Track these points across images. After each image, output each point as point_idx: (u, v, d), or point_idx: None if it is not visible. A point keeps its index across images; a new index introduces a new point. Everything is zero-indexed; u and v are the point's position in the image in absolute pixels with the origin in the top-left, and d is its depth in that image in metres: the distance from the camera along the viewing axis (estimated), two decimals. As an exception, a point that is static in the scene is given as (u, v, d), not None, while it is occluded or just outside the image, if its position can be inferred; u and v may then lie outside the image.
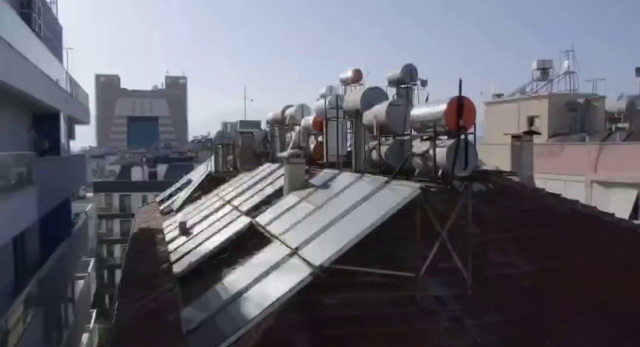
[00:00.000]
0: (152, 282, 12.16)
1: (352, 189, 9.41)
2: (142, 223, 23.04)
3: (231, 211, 13.50)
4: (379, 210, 7.75)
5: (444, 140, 8.21)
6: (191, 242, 12.79)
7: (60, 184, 19.55)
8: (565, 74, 29.41)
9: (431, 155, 8.18)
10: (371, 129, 10.09)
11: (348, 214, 8.28)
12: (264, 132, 21.75)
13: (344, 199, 9.19)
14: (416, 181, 8.29)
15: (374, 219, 7.46)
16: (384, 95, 11.19)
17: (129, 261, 16.12)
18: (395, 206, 7.48)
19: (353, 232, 7.48)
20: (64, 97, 20.59)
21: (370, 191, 8.54)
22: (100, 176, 76.38)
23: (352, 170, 10.95)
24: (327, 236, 8.00)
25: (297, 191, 11.50)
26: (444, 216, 8.77)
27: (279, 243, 8.90)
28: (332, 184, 10.51)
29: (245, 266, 8.90)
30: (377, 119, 9.64)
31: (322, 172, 11.96)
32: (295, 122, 16.48)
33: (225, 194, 16.44)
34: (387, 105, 9.50)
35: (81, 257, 26.66)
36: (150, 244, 16.51)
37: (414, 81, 15.28)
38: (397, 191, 8.04)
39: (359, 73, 18.18)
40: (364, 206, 8.27)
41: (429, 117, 8.17)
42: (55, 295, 18.69)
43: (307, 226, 8.92)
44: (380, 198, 8.24)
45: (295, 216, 9.72)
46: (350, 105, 11.11)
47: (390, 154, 9.59)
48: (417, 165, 8.60)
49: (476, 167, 8.24)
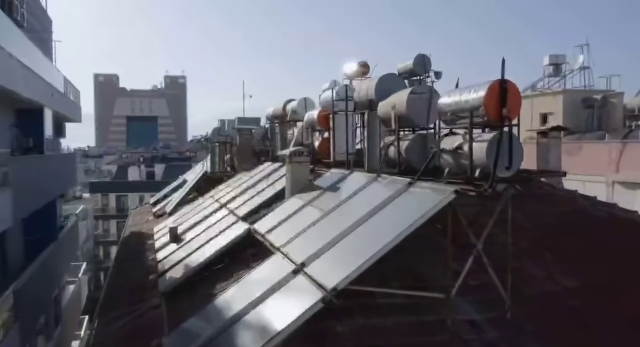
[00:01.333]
0: (137, 297, 10.82)
1: (366, 192, 8.02)
2: (133, 226, 21.74)
3: (227, 216, 12.12)
4: (403, 219, 6.36)
5: (480, 134, 6.83)
6: (182, 251, 11.43)
7: (44, 185, 18.15)
8: (580, 69, 27.99)
9: (465, 151, 6.79)
10: (388, 122, 8.69)
11: (364, 223, 6.88)
12: (263, 129, 20.34)
13: (357, 205, 7.79)
14: (446, 182, 6.90)
15: (398, 230, 6.06)
16: (402, 84, 9.81)
17: (115, 270, 14.76)
18: (425, 214, 6.08)
19: (372, 246, 6.08)
20: (49, 92, 19.19)
21: (390, 195, 7.14)
22: (98, 176, 75.15)
23: (364, 170, 9.55)
24: (339, 250, 6.61)
25: (300, 193, 10.11)
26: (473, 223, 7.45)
27: (281, 256, 7.51)
28: (342, 186, 9.11)
29: (242, 284, 7.51)
30: (396, 110, 8.25)
31: (329, 173, 10.57)
32: (298, 118, 15.09)
33: (221, 196, 15.06)
34: (407, 94, 8.11)
35: (70, 262, 25.23)
36: (139, 250, 15.18)
37: (427, 73, 13.92)
38: (424, 196, 6.65)
39: (366, 66, 16.75)
40: (383, 213, 6.87)
41: (462, 106, 6.78)
42: (38, 304, 17.27)
43: (314, 237, 7.52)
44: (402, 204, 6.85)
45: (300, 224, 8.33)
46: (362, 95, 9.72)
47: (412, 151, 8.19)
48: (446, 164, 7.20)
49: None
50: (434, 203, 6.19)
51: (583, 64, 28.32)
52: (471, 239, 7.01)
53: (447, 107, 7.12)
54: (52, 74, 20.63)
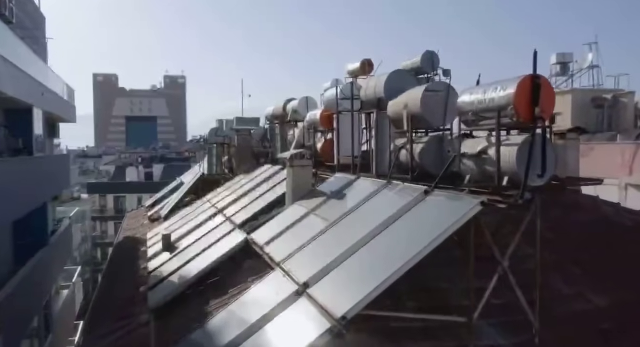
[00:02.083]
0: (126, 311, 10.03)
1: (376, 200, 7.21)
2: (128, 230, 20.97)
3: (223, 223, 11.32)
4: (422, 233, 5.56)
5: (507, 136, 6.03)
6: (174, 261, 10.64)
7: (33, 187, 17.34)
8: (589, 67, 27.15)
9: (490, 156, 5.98)
10: (399, 123, 7.88)
11: (375, 237, 6.07)
12: (262, 130, 19.51)
13: (367, 215, 6.98)
14: (468, 191, 6.10)
15: (417, 247, 5.25)
16: (413, 81, 9.01)
17: (105, 279, 13.97)
18: (447, 228, 5.28)
19: (387, 266, 5.28)
20: (39, 91, 18.37)
21: (404, 205, 6.33)
22: (97, 177, 74.38)
23: (372, 175, 8.74)
24: (347, 269, 5.80)
25: (302, 200, 9.31)
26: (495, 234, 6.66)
27: (281, 273, 6.70)
28: (348, 192, 8.30)
29: (237, 305, 6.70)
30: (409, 109, 7.44)
31: (333, 177, 9.76)
32: (299, 118, 14.27)
33: (218, 200, 14.26)
34: (422, 91, 7.30)
35: (63, 266, 24.40)
36: (131, 258, 14.40)
37: (435, 70, 13.10)
38: (444, 206, 5.85)
39: (369, 64, 15.91)
40: (397, 225, 6.06)
41: (487, 105, 5.97)
42: (26, 312, 16.47)
43: (318, 251, 6.72)
44: (419, 215, 6.04)
45: (302, 235, 7.52)
46: (369, 93, 8.90)
47: (426, 155, 7.37)
48: (467, 170, 6.39)
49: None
50: (457, 216, 5.38)
51: (592, 62, 27.46)
52: (495, 254, 6.23)
53: (469, 106, 6.31)
54: (43, 72, 19.80)
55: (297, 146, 13.19)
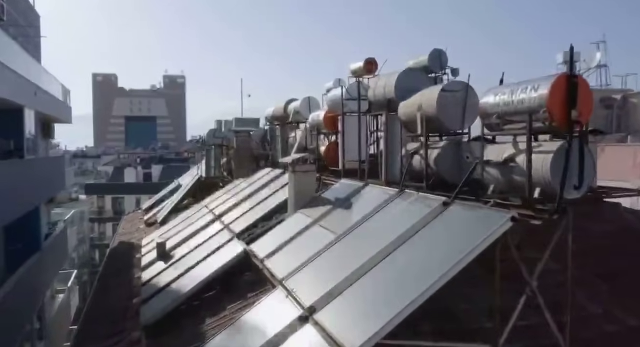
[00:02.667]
0: (117, 327, 9.40)
1: (388, 211, 6.55)
2: (123, 235, 20.34)
3: (221, 231, 10.66)
4: (445, 252, 4.90)
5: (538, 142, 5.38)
6: (169, 272, 9.99)
7: (24, 191, 16.68)
8: (597, 67, 26.49)
9: (519, 164, 5.33)
10: (411, 126, 7.24)
11: (390, 255, 5.41)
12: (262, 131, 18.84)
13: (378, 228, 6.33)
14: (495, 203, 5.44)
15: (440, 269, 4.60)
16: (426, 80, 8.37)
17: (98, 289, 13.31)
18: (474, 247, 4.62)
19: (406, 291, 4.62)
20: (31, 91, 17.70)
21: (421, 218, 5.68)
22: (95, 177, 73.74)
23: (381, 181, 8.08)
24: (359, 292, 5.14)
25: (305, 208, 8.65)
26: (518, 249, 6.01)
27: (283, 293, 6.04)
28: (355, 201, 7.65)
29: (235, 328, 6.04)
30: (423, 111, 6.79)
31: (339, 183, 9.11)
32: (301, 119, 13.62)
33: (215, 205, 13.60)
34: (438, 91, 6.65)
35: (58, 271, 23.73)
36: (125, 266, 13.76)
37: (444, 69, 12.44)
38: (468, 221, 5.19)
39: (373, 63, 15.25)
40: (414, 242, 5.40)
41: (515, 107, 5.32)
42: (16, 320, 15.83)
43: (325, 269, 6.06)
44: (440, 231, 5.38)
45: (306, 249, 6.87)
46: (378, 93, 8.26)
47: (443, 161, 6.73)
48: (491, 179, 5.73)
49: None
50: (484, 233, 4.73)
51: (599, 62, 26.81)
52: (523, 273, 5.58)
53: (493, 108, 5.66)
54: (35, 71, 19.14)
55: (299, 149, 12.54)
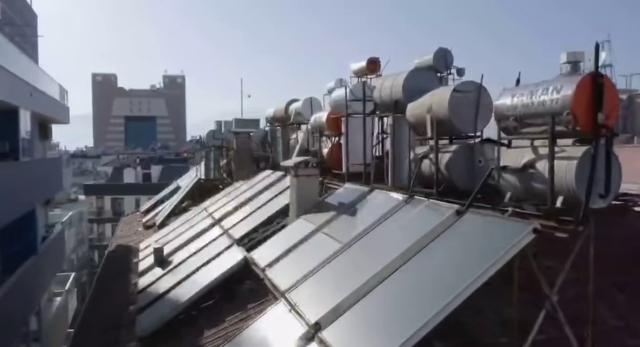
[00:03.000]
0: (112, 336, 9.04)
1: (396, 219, 6.19)
2: (121, 238, 19.99)
3: (220, 236, 10.30)
4: (461, 266, 4.54)
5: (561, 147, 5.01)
6: (166, 279, 9.64)
7: (20, 193, 16.31)
8: (602, 67, 26.11)
9: (539, 171, 4.96)
10: (420, 128, 6.87)
11: (401, 268, 5.05)
12: (263, 132, 18.47)
13: (387, 238, 5.97)
14: (513, 213, 5.08)
15: (457, 286, 4.23)
16: (436, 81, 8.02)
17: (94, 295, 12.95)
18: (494, 263, 4.26)
19: (420, 309, 4.26)
20: (26, 92, 17.33)
21: (433, 228, 5.31)
22: (95, 178, 73.36)
23: (388, 186, 7.72)
24: (368, 308, 4.77)
25: (308, 214, 8.29)
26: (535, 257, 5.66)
27: (286, 307, 5.68)
28: (361, 208, 7.29)
29: (236, 343, 5.68)
30: (433, 112, 6.43)
31: (343, 188, 8.74)
32: (302, 120, 13.26)
33: (215, 209, 13.23)
34: (449, 92, 6.29)
35: (55, 274, 23.35)
36: (122, 272, 13.41)
37: (449, 69, 12.07)
38: (485, 232, 4.83)
39: (376, 62, 14.87)
40: (427, 254, 5.04)
41: (535, 110, 4.96)
42: (10, 325, 15.46)
43: (331, 281, 5.70)
44: (454, 242, 5.02)
45: (309, 259, 6.50)
46: (384, 94, 7.89)
47: (455, 166, 6.36)
48: (508, 186, 5.37)
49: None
50: (504, 246, 4.37)
51: (605, 61, 26.44)
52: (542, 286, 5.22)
53: (510, 110, 5.29)
54: (31, 72, 18.77)
55: (301, 151, 12.18)
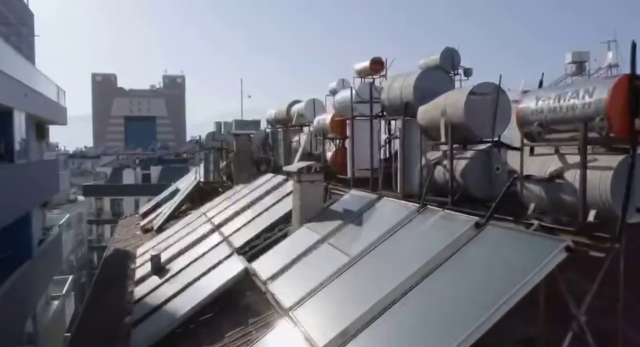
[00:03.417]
0: (106, 350, 8.62)
1: (408, 231, 5.76)
2: (118, 242, 19.53)
3: (220, 244, 9.88)
4: (483, 287, 4.12)
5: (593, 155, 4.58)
6: (163, 289, 9.23)
7: (14, 196, 15.88)
8: (608, 67, 25.76)
9: (567, 181, 4.54)
10: (433, 132, 6.45)
11: (417, 287, 4.63)
12: (264, 133, 18.04)
13: (399, 252, 5.54)
14: (540, 227, 4.66)
15: (484, 312, 3.81)
16: (449, 82, 7.60)
17: (89, 303, 12.51)
18: (522, 285, 3.83)
19: (440, 337, 3.84)
20: (21, 93, 16.91)
21: (451, 242, 4.89)
22: (94, 178, 72.96)
23: (397, 194, 7.29)
24: (382, 333, 4.35)
25: (312, 223, 7.87)
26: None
27: (291, 325, 5.26)
28: (369, 217, 6.86)
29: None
30: (448, 116, 6.01)
31: (348, 195, 8.32)
32: (305, 122, 12.84)
33: (214, 214, 12.80)
34: (465, 94, 5.87)
35: (51, 278, 22.92)
36: (119, 278, 12.98)
37: (456, 69, 11.65)
38: (510, 249, 4.40)
39: (380, 62, 14.43)
40: (444, 272, 4.62)
41: (564, 114, 4.53)
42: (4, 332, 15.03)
43: (339, 300, 5.27)
44: (474, 259, 4.59)
45: (315, 272, 6.08)
46: (394, 96, 7.47)
47: (471, 174, 5.94)
48: (532, 196, 4.94)
49: None
50: (533, 266, 3.94)
51: (611, 62, 26.08)
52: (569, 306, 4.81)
53: (535, 114, 4.87)
54: (26, 72, 18.35)
55: (303, 155, 11.75)
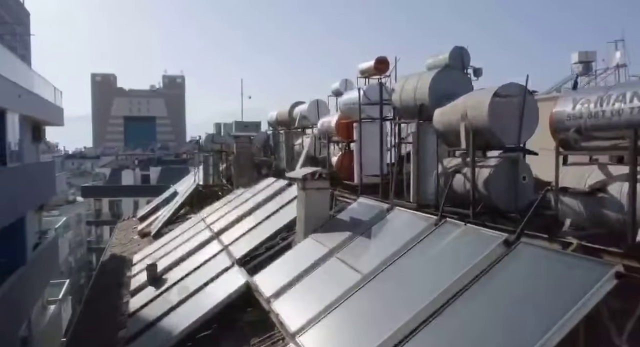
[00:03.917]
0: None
1: (426, 247, 5.23)
2: (115, 246, 19.01)
3: (219, 254, 9.35)
4: (519, 317, 3.59)
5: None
6: (159, 303, 8.71)
7: (6, 201, 15.36)
8: (616, 67, 25.21)
9: (613, 195, 4.00)
10: (452, 138, 5.92)
11: (442, 314, 4.09)
12: (265, 135, 17.52)
13: (418, 271, 5.00)
14: (580, 247, 4.12)
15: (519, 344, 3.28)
16: (469, 83, 7.08)
17: (83, 313, 12.00)
18: (570, 317, 3.30)
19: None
20: (14, 93, 16.38)
21: (476, 263, 4.36)
22: (94, 179, 72.50)
23: (409, 203, 6.76)
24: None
25: (318, 233, 7.33)
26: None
27: (297, 354, 4.73)
28: (380, 229, 6.32)
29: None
30: (469, 120, 5.48)
31: (356, 203, 7.78)
32: (308, 124, 12.31)
33: (214, 220, 12.27)
34: (489, 97, 5.33)
35: (47, 284, 22.38)
36: (114, 287, 12.46)
37: (466, 69, 11.11)
38: (549, 273, 3.87)
39: (385, 62, 13.86)
40: (472, 297, 4.08)
41: (609, 120, 4.00)
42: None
43: (352, 325, 4.74)
44: (507, 282, 4.06)
45: (323, 291, 5.54)
46: (407, 97, 6.94)
47: (495, 183, 5.40)
48: (568, 211, 4.41)
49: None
50: (578, 295, 3.41)
51: (619, 61, 25.52)
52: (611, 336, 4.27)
53: (572, 120, 4.34)
54: (20, 72, 17.81)
55: (307, 158, 11.22)
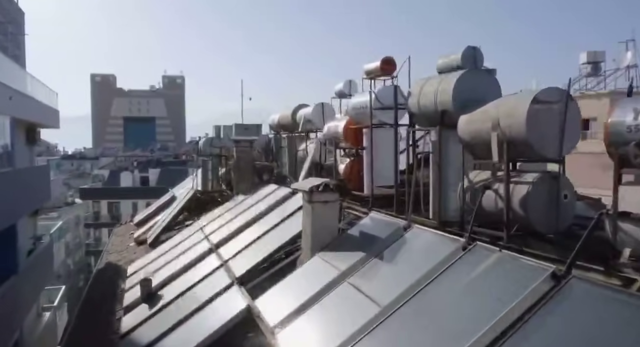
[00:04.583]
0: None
1: (454, 275, 4.54)
2: (111, 254, 18.31)
3: (218, 270, 8.66)
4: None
5: None
6: (154, 324, 8.03)
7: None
8: (627, 67, 24.53)
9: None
10: (480, 148, 5.24)
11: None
12: (266, 138, 16.81)
13: (446, 306, 4.32)
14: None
15: None
16: (497, 86, 6.40)
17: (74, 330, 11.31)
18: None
19: None
20: (5, 95, 15.71)
21: (519, 301, 3.68)
22: (93, 180, 71.88)
23: (430, 220, 6.07)
24: None
25: (327, 252, 6.65)
26: None
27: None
28: (398, 251, 5.63)
29: None
30: (502, 129, 4.80)
31: (368, 218, 7.09)
32: (313, 129, 11.62)
33: (213, 230, 11.57)
34: (528, 103, 4.65)
35: (41, 291, 21.69)
36: (108, 297, 11.78)
37: (479, 69, 10.41)
38: (609, 316, 3.20)
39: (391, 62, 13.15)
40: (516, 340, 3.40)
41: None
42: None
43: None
44: (559, 325, 3.38)
45: (337, 324, 4.87)
46: (426, 102, 6.26)
47: (533, 202, 4.72)
48: (628, 240, 3.73)
49: None
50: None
51: (630, 62, 24.84)
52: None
53: (632, 132, 3.66)
54: (11, 73, 17.14)
55: (312, 166, 10.54)
